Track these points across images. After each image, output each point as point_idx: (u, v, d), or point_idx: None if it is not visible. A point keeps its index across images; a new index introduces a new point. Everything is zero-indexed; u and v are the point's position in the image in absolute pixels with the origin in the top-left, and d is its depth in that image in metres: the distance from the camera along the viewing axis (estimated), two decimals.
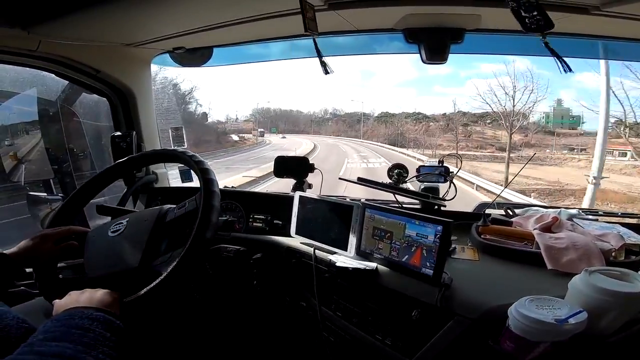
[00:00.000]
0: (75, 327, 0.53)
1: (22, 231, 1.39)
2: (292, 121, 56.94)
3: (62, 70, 1.35)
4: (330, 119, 53.65)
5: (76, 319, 0.54)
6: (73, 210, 0.91)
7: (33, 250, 0.79)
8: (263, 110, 55.60)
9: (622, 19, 1.01)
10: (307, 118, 56.54)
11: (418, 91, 74.82)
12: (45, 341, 0.49)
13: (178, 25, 1.22)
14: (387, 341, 0.89)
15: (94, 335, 0.52)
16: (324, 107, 69.86)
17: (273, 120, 54.95)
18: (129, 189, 1.47)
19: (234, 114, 59.99)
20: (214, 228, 0.75)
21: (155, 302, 0.69)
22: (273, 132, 49.57)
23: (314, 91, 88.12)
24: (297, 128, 54.80)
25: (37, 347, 0.47)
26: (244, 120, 53.16)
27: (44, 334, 0.50)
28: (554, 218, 1.07)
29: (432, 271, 0.85)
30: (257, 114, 53.06)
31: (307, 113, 58.30)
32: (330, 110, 55.77)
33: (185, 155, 0.86)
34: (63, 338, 0.50)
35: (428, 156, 18.68)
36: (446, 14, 1.12)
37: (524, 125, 21.34)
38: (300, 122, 56.36)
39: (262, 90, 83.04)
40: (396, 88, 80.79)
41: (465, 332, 0.76)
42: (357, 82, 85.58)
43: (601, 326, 0.67)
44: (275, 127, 52.58)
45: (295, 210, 1.19)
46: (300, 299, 1.19)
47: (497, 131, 28.82)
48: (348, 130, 47.92)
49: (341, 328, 1.02)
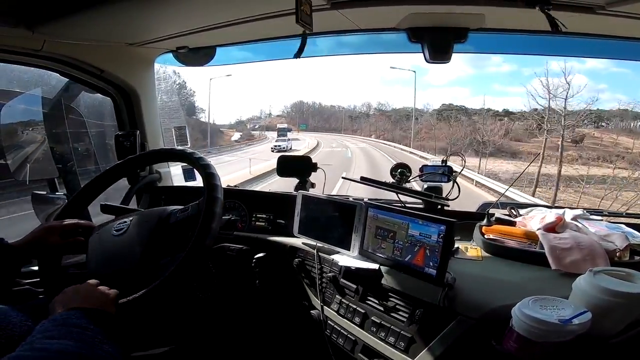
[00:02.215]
0: (73, 325, 0.53)
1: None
2: (326, 117, 51.42)
3: (67, 69, 1.36)
4: (372, 115, 45.00)
5: (73, 318, 0.55)
6: (77, 209, 0.92)
7: (39, 241, 0.80)
8: (296, 105, 51.41)
9: (628, 19, 1.00)
10: (345, 114, 49.34)
11: (472, 90, 68.14)
12: (45, 339, 0.49)
13: (181, 24, 1.22)
14: (389, 341, 0.89)
15: (92, 334, 0.53)
16: (366, 102, 60.76)
17: (305, 116, 50.28)
18: (132, 187, 1.48)
19: (268, 108, 56.16)
20: (214, 236, 0.75)
21: (151, 305, 0.69)
22: (302, 129, 44.99)
23: (358, 86, 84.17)
24: (328, 125, 49.22)
25: (38, 345, 0.48)
26: (277, 116, 50.85)
27: (42, 333, 0.51)
28: (558, 218, 1.06)
29: (435, 271, 0.85)
30: (289, 109, 49.60)
31: (347, 108, 51.12)
32: (374, 106, 47.85)
33: (192, 157, 0.87)
34: (63, 336, 0.50)
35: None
36: (450, 13, 1.12)
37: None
38: (336, 118, 50.06)
39: (300, 84, 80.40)
40: (446, 88, 72.76)
41: (469, 332, 0.76)
42: (405, 80, 76.05)
43: (605, 327, 0.66)
44: (305, 123, 47.78)
45: (298, 209, 1.19)
46: (302, 298, 1.19)
47: (618, 136, 20.35)
48: (393, 129, 38.24)
49: (343, 328, 1.02)
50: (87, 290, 0.65)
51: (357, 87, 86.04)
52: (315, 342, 1.11)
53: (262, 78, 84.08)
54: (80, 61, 1.35)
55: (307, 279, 1.16)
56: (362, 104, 52.46)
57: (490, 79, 60.10)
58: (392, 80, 79.33)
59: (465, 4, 1.03)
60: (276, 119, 47.67)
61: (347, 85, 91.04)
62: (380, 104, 48.70)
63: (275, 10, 1.08)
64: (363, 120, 46.37)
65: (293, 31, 1.31)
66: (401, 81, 74.64)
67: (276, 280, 1.24)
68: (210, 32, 1.24)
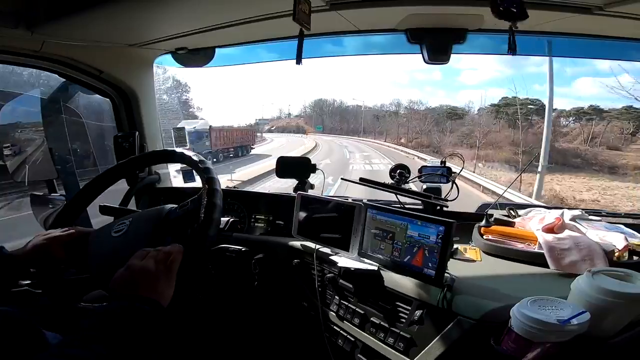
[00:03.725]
0: (115, 323, 0.51)
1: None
2: (347, 118, 45.29)
3: (66, 70, 1.36)
4: (403, 115, 36.08)
5: (119, 311, 0.53)
6: (76, 210, 0.92)
7: (41, 253, 0.77)
8: (316, 104, 47.49)
9: (625, 19, 1.00)
10: (369, 113, 41.99)
11: (510, 91, 66.27)
12: (81, 341, 0.47)
13: (181, 25, 1.22)
14: (388, 342, 0.89)
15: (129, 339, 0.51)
16: (395, 100, 49.01)
17: (324, 116, 46.06)
18: (132, 189, 1.48)
19: (287, 108, 53.07)
20: (217, 226, 0.75)
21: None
22: (318, 130, 42.18)
23: (385, 86, 79.28)
24: (347, 126, 43.46)
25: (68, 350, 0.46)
26: (295, 116, 48.06)
27: (82, 332, 0.49)
28: (556, 219, 1.06)
29: (434, 272, 0.85)
30: (308, 108, 46.09)
31: (373, 107, 43.14)
32: (405, 104, 38.60)
33: (186, 156, 0.87)
34: (100, 340, 0.48)
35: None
36: (448, 14, 1.12)
37: None
38: (359, 118, 43.14)
39: (322, 83, 77.75)
40: (480, 90, 65.95)
41: (468, 333, 0.76)
42: (435, 81, 73.47)
43: (604, 327, 0.66)
44: (321, 124, 44.19)
45: (297, 210, 1.19)
46: (302, 300, 1.19)
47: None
48: (428, 130, 30.05)
49: (343, 329, 1.02)
50: (162, 276, 0.62)
51: (384, 86, 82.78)
52: (315, 343, 1.11)
53: (283, 77, 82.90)
54: (79, 62, 1.35)
55: (306, 280, 1.15)
56: (390, 102, 43.52)
57: (531, 79, 55.84)
58: (423, 81, 76.13)
59: (463, 4, 1.04)
60: (295, 119, 45.51)
61: (374, 84, 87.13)
62: (412, 102, 41.09)
63: (274, 12, 1.08)
64: (391, 120, 37.63)
65: (292, 32, 1.31)
66: (431, 82, 71.45)
67: (275, 282, 1.24)
68: (210, 33, 1.24)
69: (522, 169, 11.35)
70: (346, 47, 1.52)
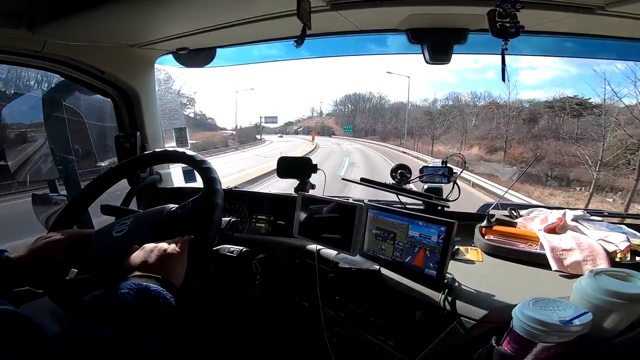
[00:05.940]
0: (122, 308, 0.52)
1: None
2: (385, 116, 36.61)
3: (67, 71, 1.36)
4: (479, 108, 24.45)
5: (126, 294, 0.54)
6: (77, 211, 0.92)
7: (43, 256, 0.75)
8: (350, 100, 40.85)
9: (627, 19, 1.00)
10: (416, 112, 31.41)
11: (575, 91, 53.33)
12: (87, 324, 0.48)
13: (182, 26, 1.22)
14: (390, 342, 0.89)
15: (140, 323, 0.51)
16: (453, 94, 36.04)
17: (354, 114, 39.77)
18: (133, 189, 1.48)
19: (319, 107, 48.44)
20: (218, 226, 0.75)
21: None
22: (347, 132, 36.43)
23: (430, 86, 70.01)
24: (382, 127, 35.38)
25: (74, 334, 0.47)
26: (327, 114, 43.64)
27: (89, 315, 0.50)
28: (558, 219, 1.06)
29: (435, 272, 0.85)
30: (340, 105, 40.63)
31: (422, 105, 32.58)
32: (466, 99, 27.53)
33: (187, 156, 0.87)
34: (106, 322, 0.49)
35: None
36: (450, 14, 1.12)
37: None
38: (400, 116, 33.05)
39: (354, 79, 72.33)
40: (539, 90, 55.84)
41: (469, 334, 0.76)
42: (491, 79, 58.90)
43: (606, 328, 0.66)
44: (350, 125, 37.37)
45: (298, 210, 1.19)
46: (303, 300, 1.19)
47: None
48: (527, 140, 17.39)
49: (344, 329, 1.02)
50: (172, 255, 0.65)
51: (429, 87, 76.56)
52: (316, 344, 1.11)
53: (312, 75, 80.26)
54: (81, 62, 1.35)
55: (307, 280, 1.15)
56: (444, 97, 33.37)
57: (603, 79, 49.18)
58: (474, 80, 62.01)
59: (465, 4, 1.04)
60: (325, 118, 41.38)
61: (417, 83, 78.04)
62: (473, 94, 29.36)
63: (275, 11, 1.08)
64: (453, 119, 25.41)
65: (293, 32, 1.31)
66: (484, 82, 61.19)
67: (276, 282, 1.24)
68: (211, 33, 1.24)
69: (524, 170, 10.81)
70: (346, 47, 1.52)
